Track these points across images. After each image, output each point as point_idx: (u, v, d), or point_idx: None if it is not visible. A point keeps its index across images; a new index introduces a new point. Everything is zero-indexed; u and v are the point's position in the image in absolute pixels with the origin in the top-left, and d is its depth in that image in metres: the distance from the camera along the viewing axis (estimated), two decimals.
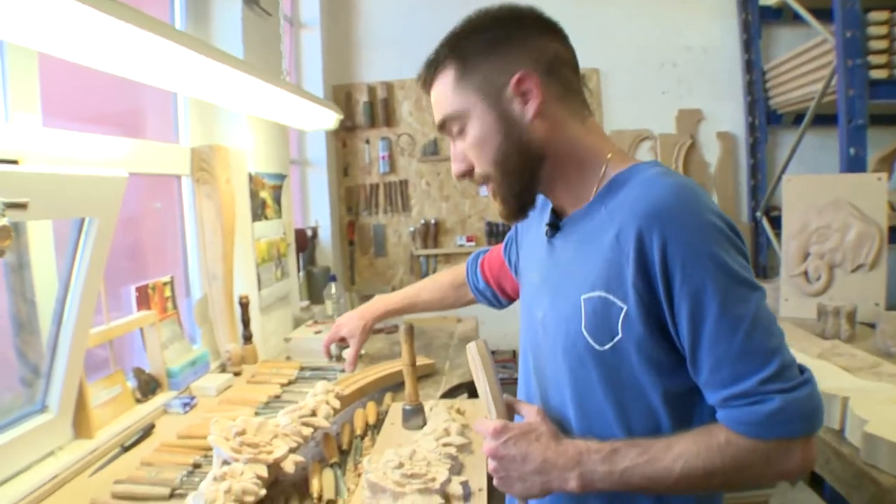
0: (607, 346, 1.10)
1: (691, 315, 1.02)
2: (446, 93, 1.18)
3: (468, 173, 1.22)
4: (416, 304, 1.98)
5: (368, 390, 2.33)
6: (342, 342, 2.04)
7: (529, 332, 1.32)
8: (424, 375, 2.60)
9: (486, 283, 1.77)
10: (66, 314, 1.85)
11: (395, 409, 2.14)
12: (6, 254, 1.40)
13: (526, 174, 1.18)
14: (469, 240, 4.79)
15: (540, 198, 1.24)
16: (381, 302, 2.01)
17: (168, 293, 2.62)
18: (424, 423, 1.93)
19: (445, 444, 1.74)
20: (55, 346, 1.85)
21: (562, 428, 1.18)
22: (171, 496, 1.64)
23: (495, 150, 1.16)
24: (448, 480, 1.55)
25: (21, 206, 1.44)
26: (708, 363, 1.03)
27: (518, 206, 1.21)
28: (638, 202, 1.06)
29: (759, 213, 4.51)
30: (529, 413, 1.21)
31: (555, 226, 1.25)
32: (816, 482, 2.91)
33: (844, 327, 2.61)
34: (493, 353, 1.27)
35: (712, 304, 1.00)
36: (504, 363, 4.59)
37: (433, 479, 1.55)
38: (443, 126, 1.22)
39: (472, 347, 1.25)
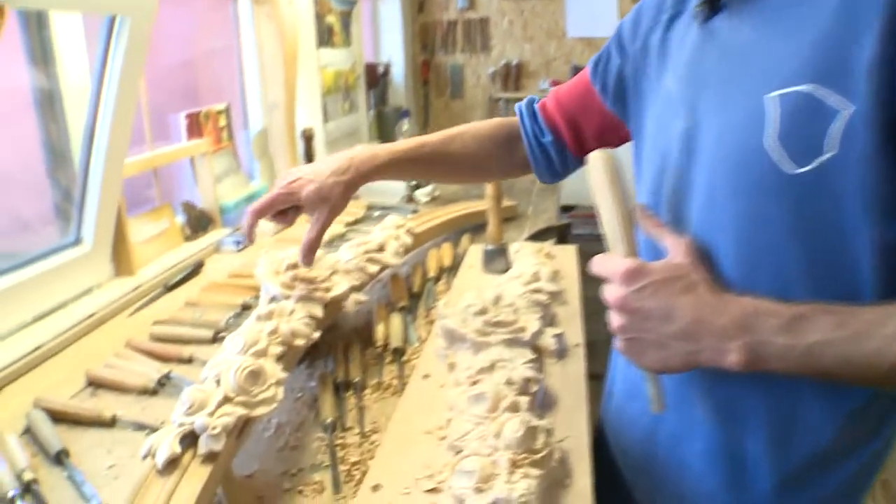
0: (807, 168, 0.71)
1: None
2: None
3: None
4: (434, 160, 1.29)
5: (444, 230, 2.07)
6: (283, 217, 1.30)
7: (658, 158, 0.93)
8: (507, 219, 2.31)
9: (551, 131, 1.23)
10: (98, 135, 1.61)
11: (475, 252, 1.87)
12: None
13: None
14: (553, 84, 4.38)
15: None
16: (372, 153, 1.24)
17: (223, 122, 2.37)
18: (508, 267, 1.67)
19: (535, 291, 1.46)
20: (87, 171, 1.62)
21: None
22: (215, 340, 1.42)
23: None
24: (540, 332, 1.28)
25: None
26: None
27: None
28: None
29: None
30: (676, 250, 0.83)
31: (713, 2, 0.86)
32: None
33: None
34: (572, 208, 0.91)
35: None
36: (586, 218, 4.27)
37: (522, 329, 1.28)
38: None
39: (595, 158, 0.91)
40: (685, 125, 0.86)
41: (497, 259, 1.74)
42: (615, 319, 0.81)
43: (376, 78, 3.80)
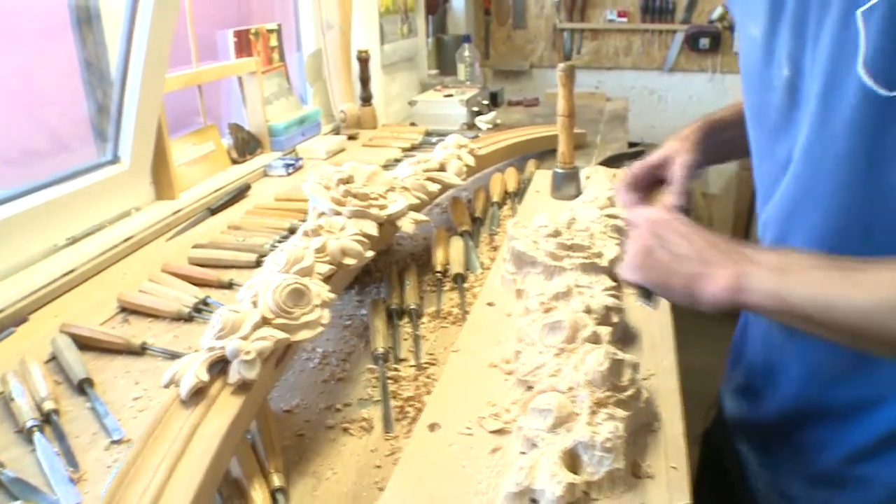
0: None
1: None
2: None
3: None
4: None
5: (508, 154, 1.92)
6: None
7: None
8: (575, 146, 2.15)
9: None
10: (135, 47, 1.49)
11: (542, 176, 1.71)
12: None
13: None
14: (621, 15, 4.16)
15: None
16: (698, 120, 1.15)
17: (274, 42, 2.25)
18: (579, 193, 1.52)
19: (611, 216, 1.30)
20: (123, 86, 1.51)
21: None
22: (258, 264, 1.30)
23: None
24: (619, 258, 1.12)
25: None
26: None
27: None
28: None
29: None
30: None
31: None
32: None
33: None
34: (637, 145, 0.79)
35: None
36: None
37: (599, 255, 1.13)
38: None
39: None
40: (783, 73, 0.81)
41: (568, 183, 1.60)
42: (641, 232, 0.86)
43: (436, 4, 3.62)
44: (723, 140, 1.11)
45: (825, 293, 0.70)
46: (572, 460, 0.72)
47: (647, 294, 0.87)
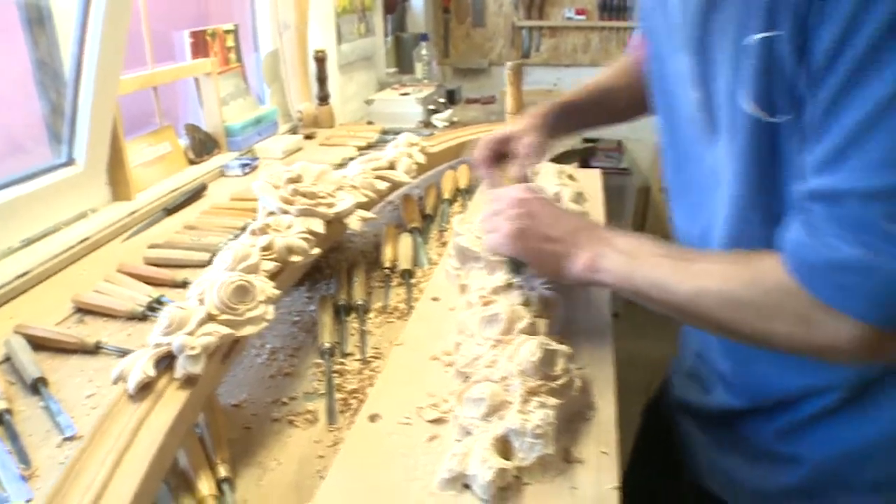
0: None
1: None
2: None
3: None
4: (606, 94, 1.30)
5: (461, 152, 1.94)
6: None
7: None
8: None
9: None
10: (88, 48, 1.50)
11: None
12: None
13: None
14: (579, 13, 4.21)
15: None
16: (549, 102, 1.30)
17: (231, 43, 2.26)
18: None
19: None
20: (77, 87, 1.52)
21: None
22: (211, 262, 1.31)
23: None
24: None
25: None
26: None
27: None
28: None
29: None
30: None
31: None
32: None
33: None
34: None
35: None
36: (608, 151, 4.12)
37: None
38: None
39: None
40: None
41: None
42: (508, 211, 0.97)
43: (395, 2, 3.64)
44: (572, 120, 1.30)
45: (662, 278, 0.81)
46: (504, 447, 0.76)
47: (516, 268, 1.00)
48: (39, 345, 1.08)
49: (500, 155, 1.21)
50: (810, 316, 0.69)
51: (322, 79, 2.49)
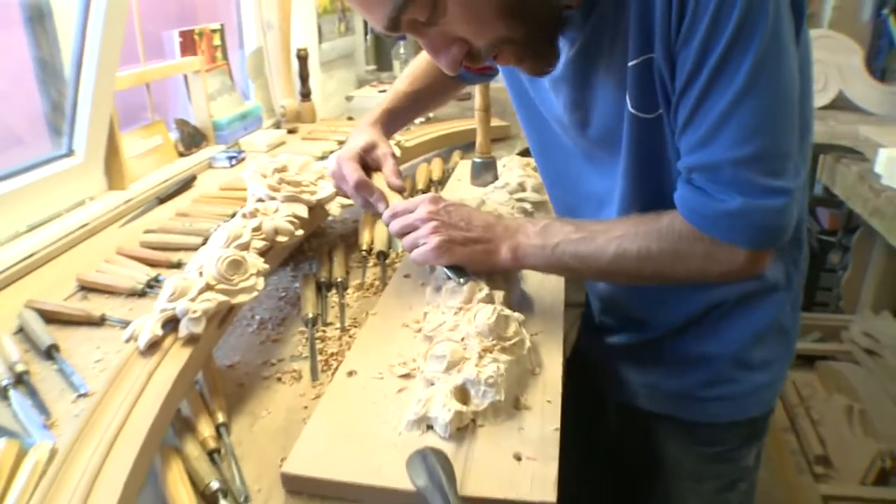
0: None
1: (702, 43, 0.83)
2: None
3: (468, 56, 0.92)
4: (416, 97, 1.49)
5: (435, 146, 2.08)
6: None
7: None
8: (498, 139, 2.31)
9: None
10: (88, 46, 1.61)
11: (464, 167, 1.88)
12: None
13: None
14: None
15: None
16: (373, 111, 1.44)
17: (217, 41, 2.37)
18: (496, 180, 1.67)
19: (520, 200, 1.47)
20: (77, 84, 1.63)
21: None
22: (204, 245, 1.43)
23: None
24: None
25: None
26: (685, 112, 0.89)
27: (554, 50, 0.98)
28: None
29: (885, 11, 3.73)
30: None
31: None
32: None
33: None
34: None
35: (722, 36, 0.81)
36: None
37: None
38: (397, 20, 0.86)
39: None
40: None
41: (486, 171, 1.75)
42: (425, 228, 1.06)
43: None
44: (396, 123, 1.47)
45: (582, 252, 1.00)
46: (462, 394, 0.88)
47: (458, 273, 1.06)
48: (49, 318, 1.18)
49: (365, 168, 1.28)
50: (712, 252, 0.91)
51: (304, 76, 2.59)
